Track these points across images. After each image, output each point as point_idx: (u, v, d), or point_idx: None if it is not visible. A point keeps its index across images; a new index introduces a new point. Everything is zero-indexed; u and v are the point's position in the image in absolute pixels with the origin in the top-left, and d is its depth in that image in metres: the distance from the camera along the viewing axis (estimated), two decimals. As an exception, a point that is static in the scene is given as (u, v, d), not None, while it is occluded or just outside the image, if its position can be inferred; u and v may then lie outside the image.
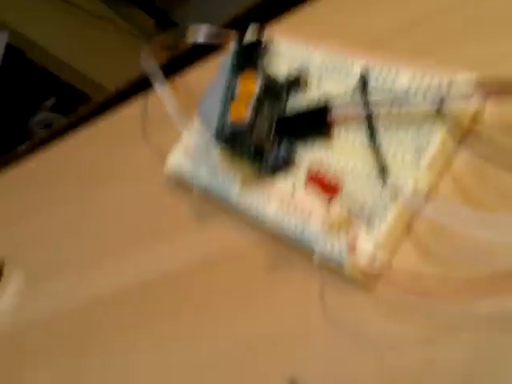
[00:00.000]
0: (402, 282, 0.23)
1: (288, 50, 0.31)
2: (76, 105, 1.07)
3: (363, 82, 0.27)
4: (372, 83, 0.27)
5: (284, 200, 0.27)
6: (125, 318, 0.33)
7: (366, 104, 0.26)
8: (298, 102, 0.29)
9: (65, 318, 0.37)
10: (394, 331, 0.23)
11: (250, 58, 0.30)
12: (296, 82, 0.30)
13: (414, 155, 0.24)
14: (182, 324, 0.30)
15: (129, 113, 0.43)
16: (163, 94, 0.35)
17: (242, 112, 0.27)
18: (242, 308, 0.28)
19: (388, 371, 0.22)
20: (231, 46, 0.30)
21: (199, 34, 0.35)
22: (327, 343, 0.24)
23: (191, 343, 0.29)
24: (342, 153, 0.27)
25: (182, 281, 0.32)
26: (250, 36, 0.33)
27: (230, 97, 0.29)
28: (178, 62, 0.40)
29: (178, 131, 0.34)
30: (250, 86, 0.28)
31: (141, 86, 0.42)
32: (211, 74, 0.31)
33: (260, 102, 0.29)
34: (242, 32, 0.33)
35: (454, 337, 0.21)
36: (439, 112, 0.24)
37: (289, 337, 0.26)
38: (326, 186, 0.22)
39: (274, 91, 0.30)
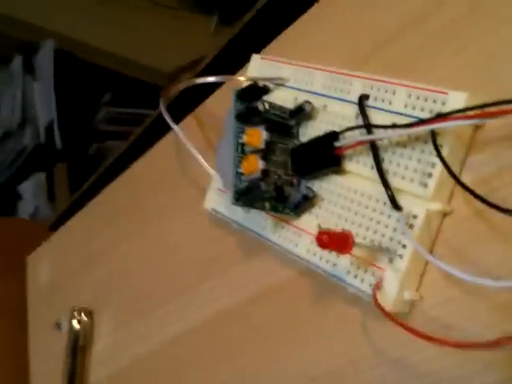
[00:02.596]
0: (433, 312, 0.24)
1: (290, 74, 0.32)
2: (134, 94, 1.09)
3: (362, 106, 0.27)
4: (371, 103, 0.27)
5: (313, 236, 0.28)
6: (201, 353, 0.36)
7: (368, 129, 0.27)
8: (310, 131, 0.30)
9: (154, 356, 0.40)
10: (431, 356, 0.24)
11: (252, 99, 0.30)
12: (302, 113, 0.30)
13: (421, 177, 0.24)
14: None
15: (164, 149, 0.45)
16: (182, 140, 0.37)
17: (254, 164, 0.28)
18: (290, 343, 0.30)
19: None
20: (231, 97, 0.30)
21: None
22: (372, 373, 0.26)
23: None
24: (353, 181, 0.27)
25: (231, 318, 0.34)
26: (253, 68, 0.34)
27: (239, 151, 0.30)
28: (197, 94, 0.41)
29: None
30: (257, 136, 0.29)
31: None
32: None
33: (270, 145, 0.29)
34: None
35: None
36: (434, 134, 0.24)
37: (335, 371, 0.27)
38: (338, 247, 0.23)
39: (283, 127, 0.30)
